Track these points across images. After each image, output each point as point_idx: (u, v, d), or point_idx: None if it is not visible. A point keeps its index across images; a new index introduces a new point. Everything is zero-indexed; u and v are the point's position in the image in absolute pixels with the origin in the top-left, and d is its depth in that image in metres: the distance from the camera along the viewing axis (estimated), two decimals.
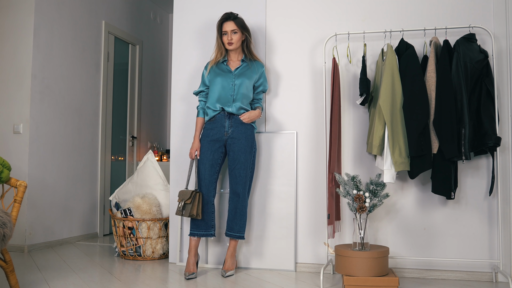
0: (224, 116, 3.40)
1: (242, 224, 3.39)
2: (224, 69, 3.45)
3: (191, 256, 3.37)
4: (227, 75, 3.42)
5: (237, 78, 3.40)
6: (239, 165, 3.36)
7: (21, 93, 4.27)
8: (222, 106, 3.38)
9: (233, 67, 3.46)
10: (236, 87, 3.39)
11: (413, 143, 3.09)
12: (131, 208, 3.92)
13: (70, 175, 4.70)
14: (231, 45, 3.41)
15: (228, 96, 3.38)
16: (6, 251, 2.77)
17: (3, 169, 2.82)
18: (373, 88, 3.38)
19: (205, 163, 3.39)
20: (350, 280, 2.90)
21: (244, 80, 3.40)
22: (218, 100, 3.39)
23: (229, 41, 3.40)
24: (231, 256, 3.43)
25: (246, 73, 3.43)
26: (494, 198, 3.28)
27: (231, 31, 3.39)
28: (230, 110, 3.37)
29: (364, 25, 3.54)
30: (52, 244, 4.44)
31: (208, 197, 3.38)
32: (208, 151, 3.39)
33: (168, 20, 6.65)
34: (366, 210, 3.00)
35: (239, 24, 3.40)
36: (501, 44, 3.32)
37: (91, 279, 3.24)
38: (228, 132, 3.39)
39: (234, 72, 3.43)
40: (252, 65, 3.46)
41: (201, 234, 3.38)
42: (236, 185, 3.37)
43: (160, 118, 6.38)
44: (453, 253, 3.33)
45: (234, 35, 3.40)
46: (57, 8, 4.56)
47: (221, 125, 3.40)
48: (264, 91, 3.55)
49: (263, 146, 3.65)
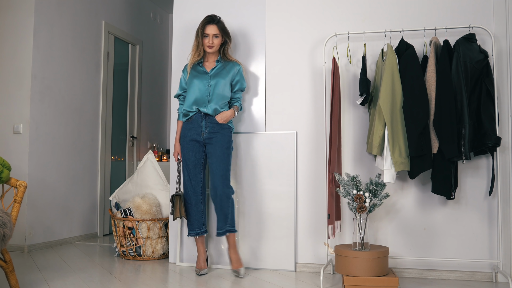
0: (200, 116, 3.42)
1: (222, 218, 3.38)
2: (200, 70, 3.48)
3: (199, 254, 3.48)
4: (203, 76, 3.46)
5: (213, 79, 3.43)
6: (215, 159, 3.38)
7: (21, 93, 4.27)
8: (198, 107, 3.42)
9: (209, 68, 3.48)
10: (212, 88, 3.42)
11: (413, 143, 3.09)
12: (131, 208, 3.92)
13: (70, 175, 4.70)
14: (211, 48, 3.44)
15: (204, 97, 3.42)
16: (6, 251, 2.77)
17: (3, 169, 2.82)
18: (373, 88, 3.38)
19: (188, 164, 3.44)
20: (350, 280, 2.90)
21: (219, 80, 3.43)
22: (195, 102, 3.43)
23: (210, 45, 3.43)
24: (233, 253, 3.40)
25: (221, 73, 3.45)
26: (494, 198, 3.28)
27: (213, 35, 3.42)
28: (205, 110, 3.40)
29: (364, 25, 3.54)
30: (52, 244, 4.44)
31: (196, 196, 3.44)
32: (190, 152, 3.43)
33: (168, 20, 6.65)
34: (366, 210, 3.00)
35: (221, 29, 3.44)
36: (501, 44, 3.32)
37: (91, 279, 3.24)
38: (205, 132, 3.41)
39: (209, 73, 3.46)
40: (227, 65, 3.48)
41: (195, 233, 3.46)
42: (213, 179, 3.38)
43: (160, 118, 6.38)
44: (453, 253, 3.33)
45: (215, 39, 3.43)
46: (57, 8, 4.56)
47: (198, 125, 3.42)
48: (242, 90, 3.55)
49: (263, 146, 3.65)
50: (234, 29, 3.76)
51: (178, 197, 3.43)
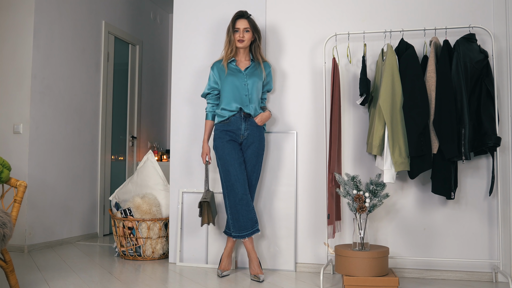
0: (240, 118, 3.33)
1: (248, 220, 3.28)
2: (233, 69, 3.40)
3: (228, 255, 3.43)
4: (237, 74, 3.37)
5: (249, 78, 3.37)
6: (251, 168, 3.35)
7: (21, 93, 4.27)
8: (241, 106, 3.32)
9: (243, 67, 3.41)
10: (249, 87, 3.35)
11: (413, 143, 3.09)
12: (131, 208, 3.93)
13: (70, 175, 4.70)
14: (241, 42, 3.37)
15: (243, 96, 3.33)
16: (6, 251, 2.77)
17: (3, 169, 2.83)
18: (373, 88, 3.38)
19: (233, 163, 3.28)
20: (350, 280, 2.90)
21: (255, 80, 3.38)
22: (235, 100, 3.32)
23: (241, 38, 3.36)
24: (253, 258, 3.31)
25: (255, 73, 3.40)
26: (494, 198, 3.28)
27: (244, 29, 3.37)
28: (247, 111, 3.32)
29: (364, 25, 3.54)
30: (52, 244, 4.44)
31: (246, 195, 3.28)
32: (233, 151, 3.31)
33: (168, 20, 6.65)
34: (366, 210, 3.00)
35: (251, 24, 3.40)
36: (501, 44, 3.32)
37: (91, 279, 3.24)
38: (244, 135, 3.35)
39: (244, 71, 3.39)
40: (259, 65, 3.44)
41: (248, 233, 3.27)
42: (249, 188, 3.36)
43: (160, 118, 6.38)
44: (453, 253, 3.33)
45: (246, 33, 3.38)
46: (57, 8, 4.56)
47: (237, 127, 3.33)
48: (269, 91, 3.56)
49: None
50: None
51: (206, 203, 3.33)
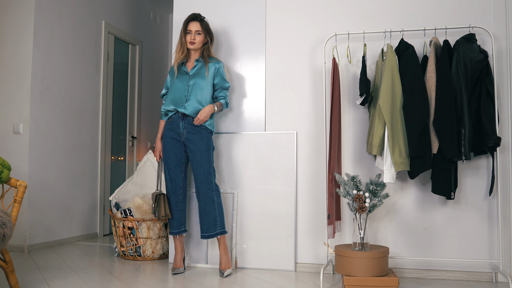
0: (178, 117, 3.43)
1: (210, 222, 3.38)
2: (182, 71, 3.50)
3: (176, 253, 3.52)
4: (183, 77, 3.47)
5: (192, 79, 3.44)
6: (196, 164, 3.39)
7: (21, 93, 4.27)
8: (175, 107, 3.42)
9: (190, 68, 3.50)
10: (190, 88, 3.42)
11: (413, 143, 3.09)
12: (131, 208, 3.93)
13: (70, 175, 4.70)
14: (192, 44, 3.44)
15: (182, 97, 3.42)
16: (6, 251, 2.77)
17: (3, 169, 2.82)
18: (373, 88, 3.38)
19: (169, 164, 3.46)
20: (350, 280, 2.90)
21: (197, 81, 3.43)
22: (172, 102, 3.44)
23: (192, 41, 3.43)
24: (224, 254, 3.42)
25: (199, 73, 3.45)
26: (494, 198, 3.28)
27: (196, 31, 3.44)
28: (182, 110, 3.40)
29: (364, 25, 3.54)
30: (52, 244, 4.44)
31: (176, 195, 3.46)
32: (171, 151, 3.45)
33: (168, 20, 6.65)
34: (366, 210, 3.00)
35: (204, 27, 3.46)
36: (501, 44, 3.32)
37: (91, 279, 3.24)
38: (184, 133, 3.42)
39: (190, 73, 3.47)
40: (204, 65, 3.46)
41: (175, 232, 3.50)
42: (196, 184, 3.41)
43: (160, 118, 6.37)
44: (453, 253, 3.33)
45: (197, 36, 3.44)
46: (57, 8, 4.56)
47: (177, 126, 3.44)
48: (224, 88, 3.51)
49: (263, 146, 3.65)
50: (234, 29, 3.76)
51: (163, 196, 3.46)
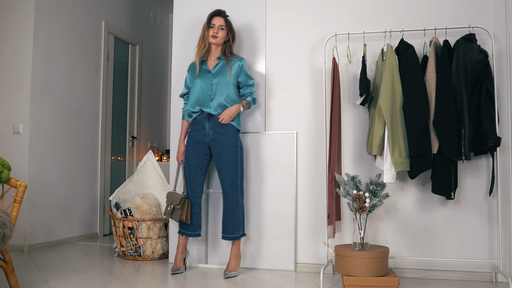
0: (204, 117, 3.40)
1: (235, 225, 3.37)
2: (203, 69, 3.45)
3: (178, 253, 3.48)
4: (205, 75, 3.42)
5: (215, 77, 3.40)
6: (223, 166, 3.35)
7: (21, 93, 4.28)
8: (200, 107, 3.39)
9: (211, 66, 3.45)
10: (214, 87, 3.39)
11: (413, 143, 3.09)
12: (131, 208, 3.93)
13: (70, 175, 4.70)
14: (214, 38, 3.40)
15: (206, 97, 3.38)
16: (6, 251, 2.77)
17: (3, 169, 2.82)
18: (373, 88, 3.38)
19: (190, 165, 3.43)
20: (350, 280, 2.90)
21: (220, 79, 3.39)
22: (197, 102, 3.40)
23: (214, 34, 3.40)
24: (234, 257, 3.40)
25: (222, 71, 3.41)
26: (494, 198, 3.28)
27: (219, 25, 3.42)
28: (207, 110, 3.37)
29: (364, 25, 3.54)
30: (52, 244, 4.44)
31: (194, 198, 3.43)
32: (193, 153, 3.42)
33: (168, 20, 6.65)
34: (366, 210, 3.00)
35: (227, 23, 3.44)
36: (501, 44, 3.32)
37: (91, 279, 3.24)
38: (210, 134, 3.39)
39: (212, 71, 3.43)
40: (227, 63, 3.42)
41: (189, 234, 3.46)
42: (223, 186, 3.38)
43: (160, 118, 6.38)
44: (453, 253, 3.33)
45: (220, 31, 3.42)
46: (57, 8, 4.56)
47: (202, 127, 3.40)
48: (249, 85, 3.47)
49: (263, 146, 3.65)
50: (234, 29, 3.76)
51: (188, 200, 3.40)
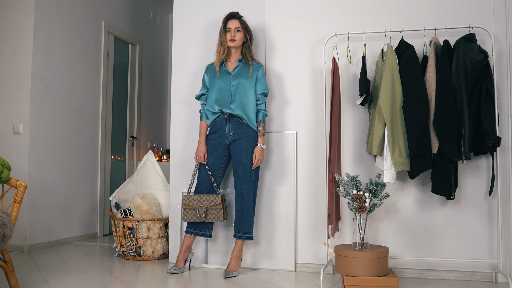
0: (224, 119, 3.39)
1: (250, 225, 3.37)
2: (222, 70, 3.44)
3: (181, 252, 3.45)
4: (225, 76, 3.42)
5: (235, 79, 3.40)
6: (241, 166, 3.35)
7: (21, 93, 4.28)
8: (220, 108, 3.38)
9: (231, 68, 3.45)
10: (234, 88, 3.38)
11: (413, 143, 3.09)
12: (131, 208, 3.93)
13: (70, 175, 4.70)
14: (233, 42, 3.40)
15: (226, 98, 3.38)
16: (6, 251, 2.77)
17: (3, 169, 2.82)
18: (373, 88, 3.38)
19: (204, 168, 3.42)
20: (350, 280, 2.90)
21: (241, 81, 3.38)
22: (216, 102, 3.39)
23: (232, 38, 3.40)
24: (236, 257, 3.39)
25: (243, 73, 3.41)
26: (494, 198, 3.28)
27: (235, 28, 3.41)
28: (228, 111, 3.36)
29: (364, 25, 3.54)
30: (52, 244, 4.44)
31: None
32: (211, 155, 3.42)
33: (168, 20, 6.65)
34: (366, 210, 3.00)
35: (243, 24, 3.44)
36: (501, 44, 3.32)
37: (91, 279, 3.24)
38: (230, 135, 3.38)
39: (231, 73, 3.42)
40: (247, 66, 3.43)
41: (198, 233, 3.43)
42: (239, 185, 3.36)
43: (160, 118, 6.38)
44: (453, 253, 3.33)
45: (237, 33, 3.41)
46: (57, 8, 4.56)
47: (222, 128, 3.40)
48: (265, 94, 3.44)
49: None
50: None
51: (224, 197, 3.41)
